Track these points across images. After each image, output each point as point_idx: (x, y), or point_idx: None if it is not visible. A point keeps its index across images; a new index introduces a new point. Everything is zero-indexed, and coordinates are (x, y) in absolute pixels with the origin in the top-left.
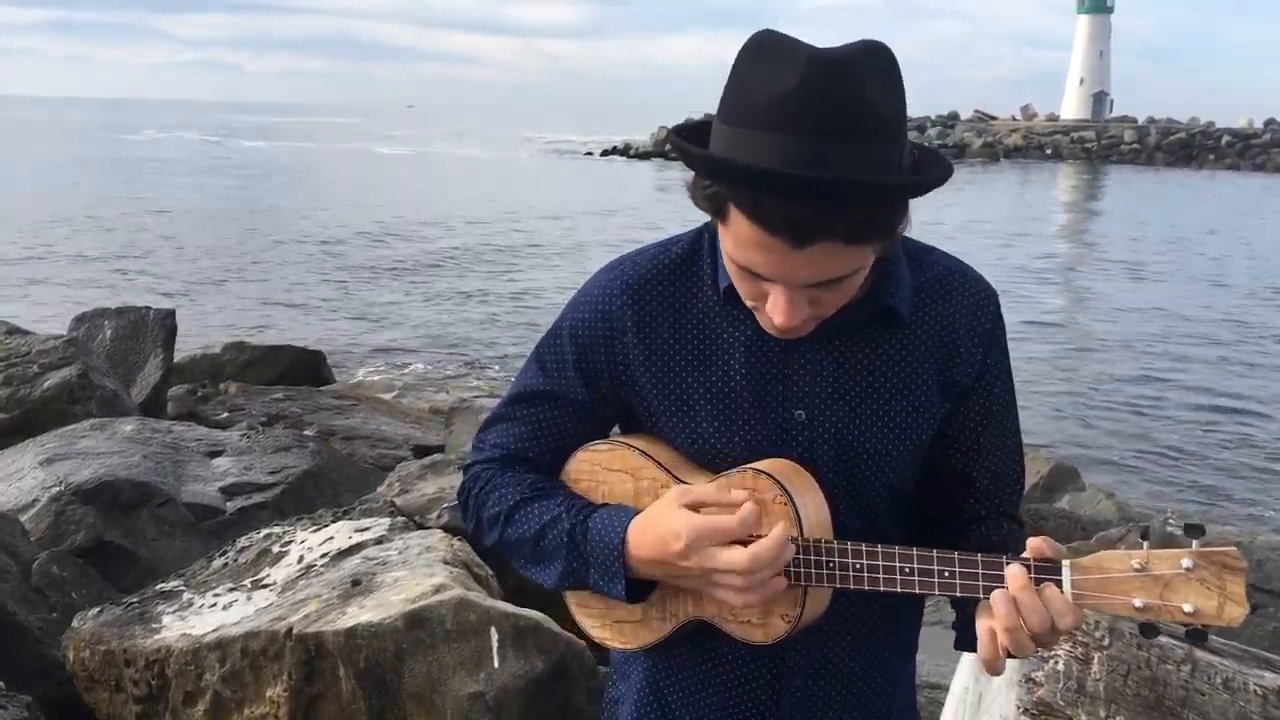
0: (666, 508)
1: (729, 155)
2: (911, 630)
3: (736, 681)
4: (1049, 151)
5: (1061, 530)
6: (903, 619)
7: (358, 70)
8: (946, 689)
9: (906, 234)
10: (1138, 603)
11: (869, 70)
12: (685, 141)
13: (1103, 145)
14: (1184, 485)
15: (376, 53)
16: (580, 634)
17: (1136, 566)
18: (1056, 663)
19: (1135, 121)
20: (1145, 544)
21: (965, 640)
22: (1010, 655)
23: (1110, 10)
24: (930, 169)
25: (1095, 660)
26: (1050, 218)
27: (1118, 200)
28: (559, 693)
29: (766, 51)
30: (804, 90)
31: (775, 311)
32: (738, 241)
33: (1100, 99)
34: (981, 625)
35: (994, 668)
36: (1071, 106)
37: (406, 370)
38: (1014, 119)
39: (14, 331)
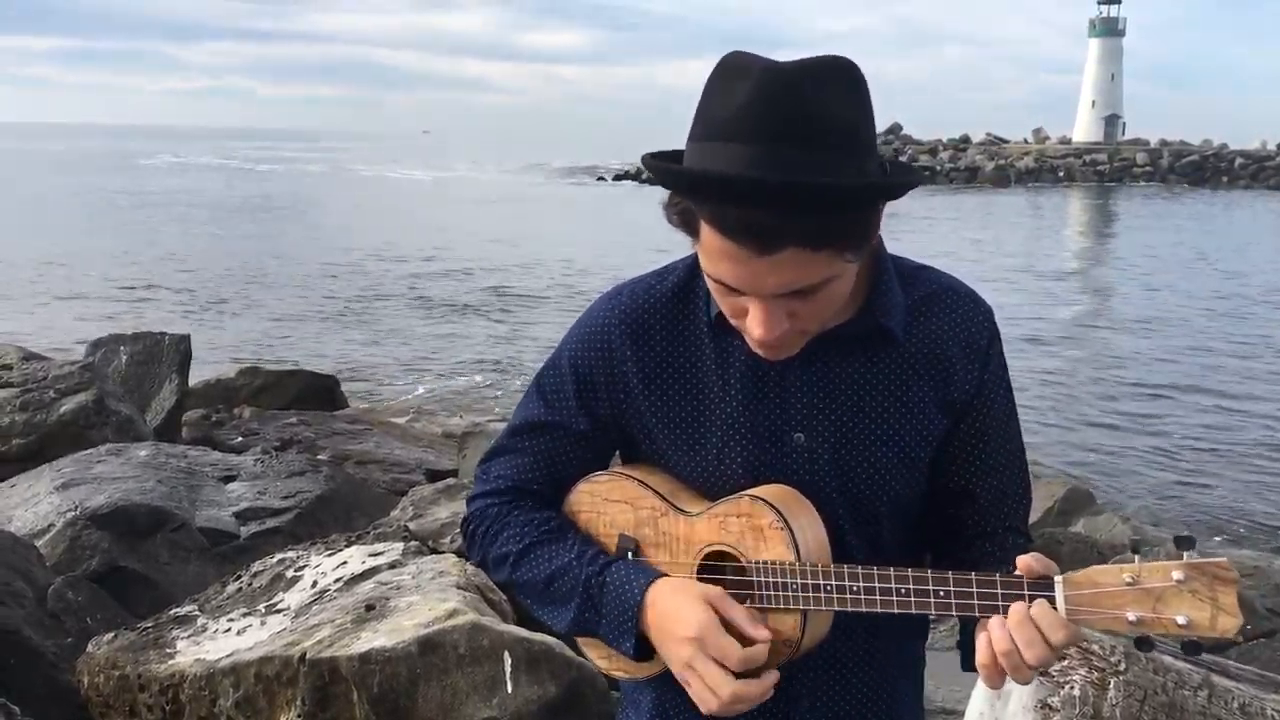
0: (692, 596)
1: (689, 167)
2: (914, 647)
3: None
4: (1061, 174)
5: (1077, 555)
6: (905, 637)
7: (372, 96)
8: (961, 714)
9: (900, 254)
10: (1131, 616)
11: (824, 81)
12: (655, 160)
13: (1115, 168)
14: (1201, 508)
15: (390, 79)
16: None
17: (1128, 580)
18: (1073, 688)
19: (1148, 144)
20: (1137, 558)
21: (971, 661)
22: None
23: (1121, 34)
24: (895, 176)
25: (1111, 685)
26: (1064, 244)
27: (1133, 225)
28: (572, 718)
29: (728, 69)
30: (757, 100)
31: (754, 325)
32: (709, 255)
33: (1112, 121)
34: (981, 637)
35: (993, 682)
36: (1084, 129)
37: (420, 394)
38: (1026, 142)
39: (30, 357)
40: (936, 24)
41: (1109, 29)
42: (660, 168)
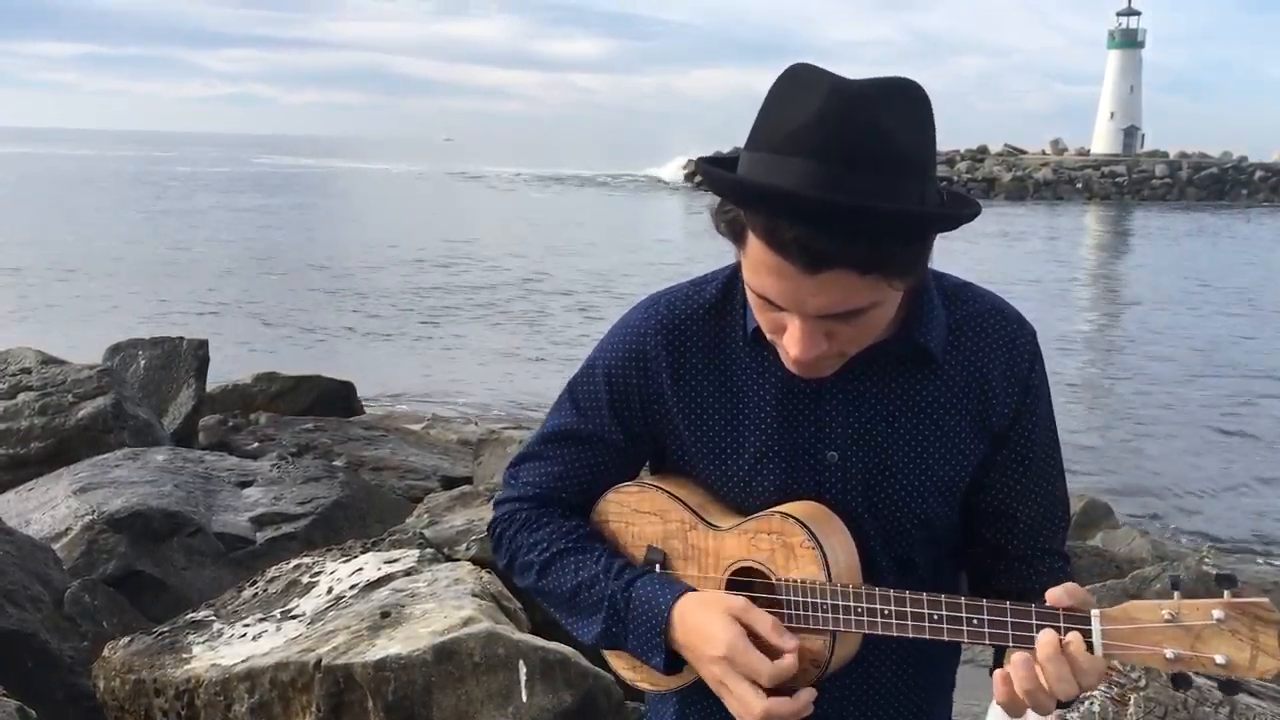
0: (718, 610)
1: (749, 178)
2: (949, 671)
3: None
4: (1079, 185)
5: (1095, 568)
6: (940, 662)
7: (391, 104)
8: None
9: (944, 270)
10: (1169, 654)
11: (892, 104)
12: (712, 166)
13: (1134, 180)
14: (1219, 522)
15: (409, 87)
16: (611, 671)
17: (1167, 617)
18: (1092, 704)
19: (1167, 156)
20: (1176, 594)
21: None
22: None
23: (1141, 45)
24: (953, 207)
25: (1131, 702)
26: (1080, 262)
27: (1151, 242)
28: None
29: (795, 81)
30: (823, 117)
31: (790, 343)
32: (753, 267)
33: (1131, 133)
34: (999, 674)
35: (1013, 712)
36: (1102, 140)
37: (436, 401)
38: (1044, 153)
39: (49, 361)
40: (954, 34)
41: (1128, 40)
42: (718, 176)
